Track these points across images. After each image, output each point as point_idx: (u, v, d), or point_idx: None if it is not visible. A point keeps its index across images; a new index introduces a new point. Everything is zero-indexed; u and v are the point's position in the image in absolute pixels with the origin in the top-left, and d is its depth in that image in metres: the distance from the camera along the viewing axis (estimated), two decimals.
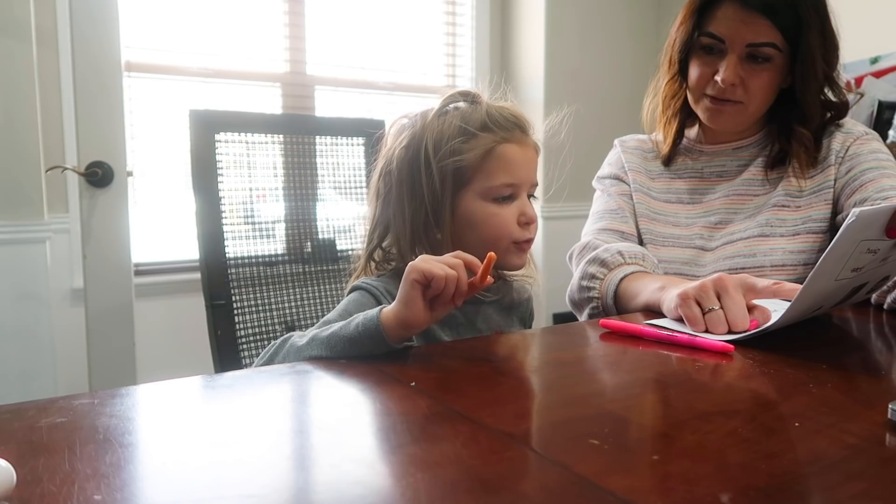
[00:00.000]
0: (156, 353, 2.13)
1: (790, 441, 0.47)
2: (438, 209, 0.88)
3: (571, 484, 0.41)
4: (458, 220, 0.89)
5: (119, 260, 1.71)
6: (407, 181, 0.89)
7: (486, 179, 0.88)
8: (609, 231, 1.19)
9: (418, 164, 0.88)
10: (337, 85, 2.73)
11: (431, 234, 0.89)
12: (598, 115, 2.90)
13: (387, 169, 0.91)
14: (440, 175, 0.87)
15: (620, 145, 1.30)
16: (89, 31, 1.61)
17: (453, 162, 0.87)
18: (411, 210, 0.89)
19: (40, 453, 0.44)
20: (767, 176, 1.16)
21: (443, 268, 0.68)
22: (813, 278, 0.69)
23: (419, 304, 0.68)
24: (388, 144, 0.93)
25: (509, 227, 0.89)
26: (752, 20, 1.06)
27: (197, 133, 1.22)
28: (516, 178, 0.89)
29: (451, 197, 0.88)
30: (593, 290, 1.06)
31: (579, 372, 0.69)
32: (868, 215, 0.66)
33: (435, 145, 0.88)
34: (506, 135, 0.89)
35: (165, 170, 2.42)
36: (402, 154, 0.90)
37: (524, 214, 0.89)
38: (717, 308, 0.78)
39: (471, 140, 0.88)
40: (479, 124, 0.89)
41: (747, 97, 1.10)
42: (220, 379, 0.63)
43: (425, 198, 0.88)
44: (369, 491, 0.40)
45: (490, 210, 0.88)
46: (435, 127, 0.89)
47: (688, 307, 0.80)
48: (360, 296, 0.87)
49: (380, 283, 0.89)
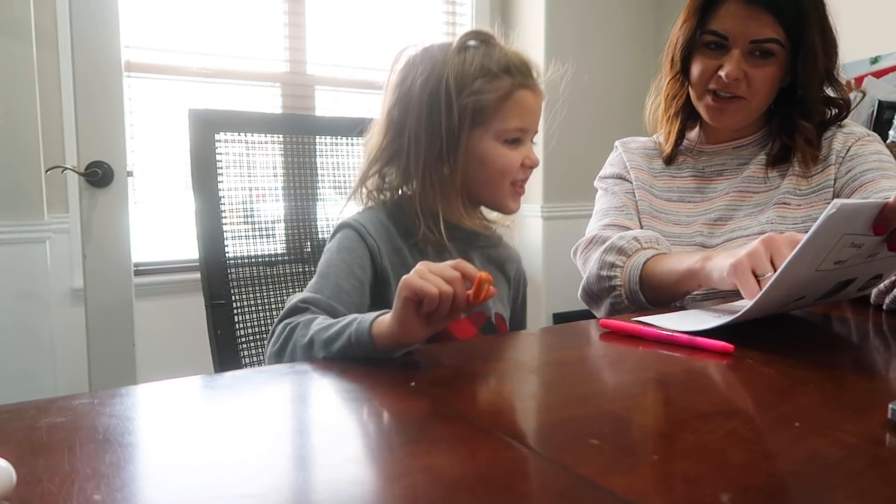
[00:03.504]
0: (156, 353, 2.13)
1: (790, 441, 0.47)
2: (453, 144, 0.90)
3: (571, 484, 0.41)
4: (468, 156, 0.91)
5: (119, 260, 1.71)
6: (426, 112, 0.89)
7: (501, 121, 0.90)
8: (615, 227, 1.18)
9: (438, 98, 0.89)
10: (337, 85, 2.73)
11: (439, 167, 0.91)
12: (598, 116, 2.90)
13: (405, 98, 0.91)
14: (459, 111, 0.88)
15: (621, 146, 1.30)
16: (89, 31, 1.61)
17: (474, 101, 0.89)
18: (427, 142, 0.90)
19: (40, 453, 0.44)
20: (768, 174, 1.16)
21: (437, 284, 0.64)
22: (790, 264, 0.68)
23: (413, 322, 0.65)
24: (403, 74, 0.93)
25: (514, 168, 0.92)
26: (756, 16, 1.06)
27: (197, 133, 1.22)
28: (527, 124, 0.93)
29: (467, 134, 0.90)
30: (615, 279, 1.05)
31: (579, 372, 0.69)
32: (850, 209, 0.66)
33: (457, 81, 0.89)
34: (524, 80, 0.92)
35: (165, 170, 2.42)
36: (422, 85, 0.90)
37: (528, 158, 0.93)
38: (770, 273, 0.76)
39: (493, 81, 0.90)
40: (501, 66, 0.90)
41: (750, 93, 1.10)
42: (220, 379, 0.63)
43: (442, 131, 0.89)
44: (369, 491, 0.40)
45: (500, 150, 0.91)
46: (456, 63, 0.89)
47: (744, 277, 0.79)
48: (347, 235, 0.90)
49: (366, 219, 0.91)
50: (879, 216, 0.69)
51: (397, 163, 0.93)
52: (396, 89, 0.93)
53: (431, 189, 0.91)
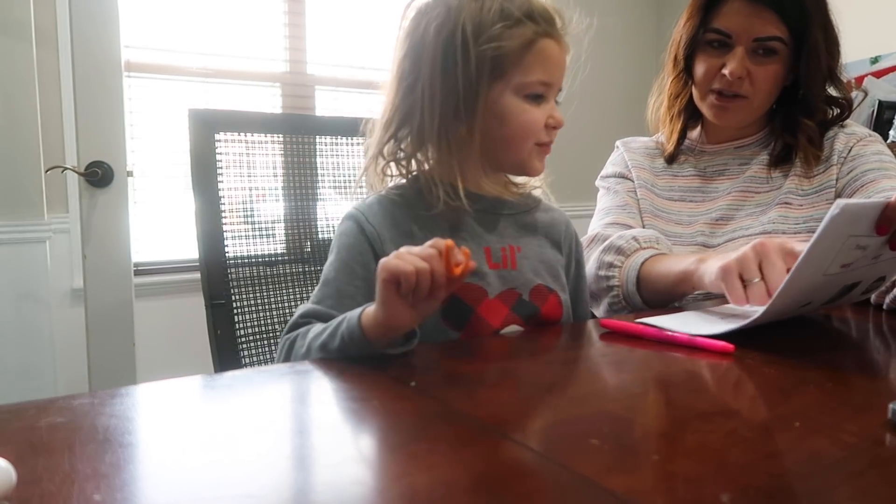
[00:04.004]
0: (156, 353, 2.13)
1: (790, 441, 0.47)
2: (471, 98, 0.81)
3: (571, 484, 0.41)
4: (486, 113, 0.82)
5: (119, 260, 1.71)
6: (440, 64, 0.81)
7: (523, 74, 0.82)
8: (617, 225, 1.18)
9: (453, 47, 0.80)
10: (337, 85, 2.73)
11: (454, 127, 0.83)
12: (598, 116, 2.90)
13: (417, 46, 0.83)
14: (477, 61, 0.80)
15: (623, 146, 1.30)
16: (89, 31, 1.61)
17: (493, 49, 0.80)
18: (442, 96, 0.81)
19: (40, 453, 0.44)
20: (771, 174, 1.16)
21: (412, 262, 0.63)
22: (798, 270, 0.68)
23: (396, 304, 0.65)
24: (416, 21, 0.84)
25: (538, 127, 0.84)
26: (759, 13, 1.07)
27: (197, 133, 1.22)
28: (551, 77, 0.84)
29: (486, 87, 0.81)
30: (612, 279, 1.05)
31: (579, 372, 0.69)
32: (853, 209, 0.65)
33: (474, 28, 0.80)
34: (547, 28, 0.84)
35: (165, 170, 2.42)
36: (436, 32, 0.81)
37: (552, 117, 0.85)
38: (758, 280, 0.76)
39: (513, 27, 0.81)
40: (523, 10, 0.82)
41: (753, 91, 1.11)
42: (220, 379, 0.63)
43: (459, 84, 0.80)
44: (369, 491, 0.40)
45: (522, 107, 0.83)
46: (473, 7, 0.81)
47: (730, 282, 0.79)
48: (344, 230, 0.85)
49: (368, 206, 0.86)
50: (882, 216, 0.69)
51: (410, 123, 0.84)
52: (408, 38, 0.84)
53: (448, 152, 0.83)
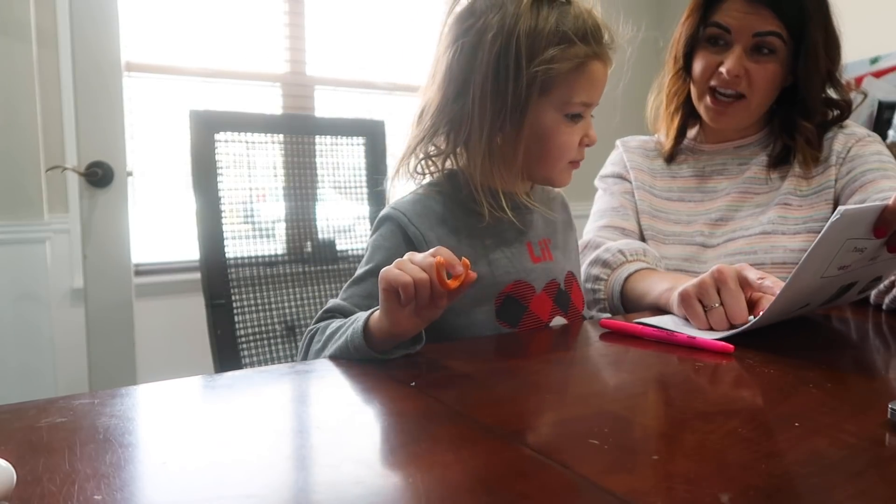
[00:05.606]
0: (156, 353, 2.13)
1: (790, 441, 0.47)
2: (518, 113, 0.80)
3: (571, 484, 0.41)
4: (527, 128, 0.81)
5: (119, 260, 1.71)
6: (492, 75, 0.79)
7: (568, 94, 0.81)
8: (611, 228, 1.19)
9: (507, 61, 0.78)
10: (337, 85, 2.73)
11: (498, 138, 0.82)
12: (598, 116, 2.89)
13: (472, 50, 0.80)
14: (528, 80, 0.78)
15: (622, 145, 1.30)
16: (89, 31, 1.61)
17: (545, 70, 0.78)
18: (492, 106, 0.79)
19: (40, 453, 0.44)
20: (770, 175, 1.16)
21: (411, 271, 0.63)
22: (797, 274, 0.69)
23: (398, 312, 0.65)
24: (473, 20, 0.81)
25: (573, 146, 0.84)
26: (758, 11, 1.08)
27: (197, 133, 1.22)
28: (593, 98, 0.84)
29: (534, 105, 0.80)
30: (599, 292, 1.07)
31: (579, 372, 0.69)
32: (853, 214, 0.66)
33: (529, 45, 0.78)
34: (598, 49, 0.82)
35: (165, 170, 2.42)
36: (490, 42, 0.78)
37: (587, 136, 0.85)
38: (717, 305, 0.78)
39: (567, 49, 0.79)
40: (578, 32, 0.80)
41: (750, 90, 1.11)
42: (220, 379, 0.63)
43: (508, 98, 0.79)
44: (369, 491, 0.40)
45: (561, 126, 0.82)
46: (530, 21, 0.78)
47: (690, 306, 0.81)
48: (385, 233, 0.82)
49: (410, 205, 0.83)
50: (880, 219, 0.69)
51: (456, 126, 0.82)
52: (458, 40, 0.81)
53: (489, 161, 0.81)
